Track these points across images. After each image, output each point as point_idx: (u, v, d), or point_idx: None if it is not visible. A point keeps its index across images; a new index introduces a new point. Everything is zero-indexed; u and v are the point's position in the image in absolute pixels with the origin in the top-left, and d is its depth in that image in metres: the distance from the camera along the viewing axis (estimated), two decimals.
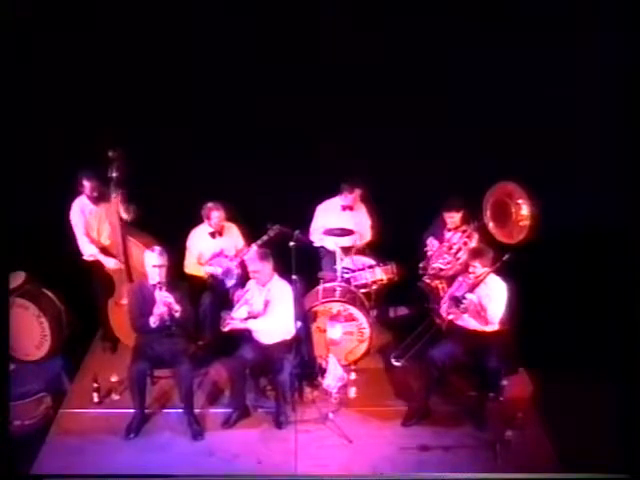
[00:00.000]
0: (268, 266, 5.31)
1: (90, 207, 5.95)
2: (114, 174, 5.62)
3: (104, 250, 5.98)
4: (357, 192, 6.28)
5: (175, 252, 5.65)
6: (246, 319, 5.32)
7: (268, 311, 5.35)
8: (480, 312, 5.14)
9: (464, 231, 5.93)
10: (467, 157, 6.26)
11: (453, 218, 5.93)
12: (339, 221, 6.24)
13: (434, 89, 6.18)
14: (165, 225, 6.07)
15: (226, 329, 5.28)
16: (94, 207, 5.95)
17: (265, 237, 5.87)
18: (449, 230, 5.99)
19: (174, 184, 6.35)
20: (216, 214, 5.92)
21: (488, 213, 5.58)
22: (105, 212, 5.91)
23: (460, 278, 5.34)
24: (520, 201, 5.36)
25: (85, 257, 5.99)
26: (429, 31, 5.96)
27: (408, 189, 6.32)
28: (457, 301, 5.15)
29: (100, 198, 5.90)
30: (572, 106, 6.03)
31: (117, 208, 5.76)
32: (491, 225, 5.58)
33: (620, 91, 5.66)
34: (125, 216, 5.83)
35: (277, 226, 5.81)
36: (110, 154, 5.58)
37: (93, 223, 5.98)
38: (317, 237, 6.34)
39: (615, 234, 5.66)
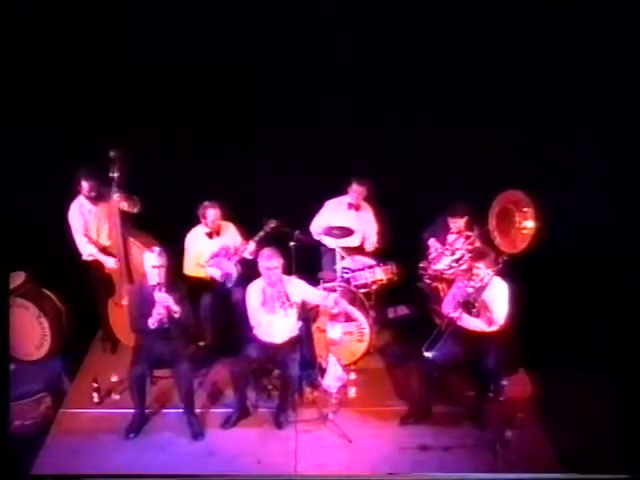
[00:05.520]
0: (281, 262, 5.26)
1: (89, 207, 5.93)
2: (115, 174, 5.62)
3: (104, 250, 5.97)
4: (364, 191, 6.25)
5: (174, 253, 5.65)
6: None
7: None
8: (486, 313, 5.14)
9: (467, 237, 5.93)
10: (470, 159, 6.25)
11: (457, 223, 5.94)
12: (343, 219, 6.24)
13: (438, 90, 6.18)
14: (164, 225, 6.07)
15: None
16: (93, 207, 5.93)
17: (262, 232, 5.87)
18: (452, 234, 5.99)
19: (173, 184, 6.34)
20: (212, 212, 5.91)
21: (493, 221, 5.54)
22: (105, 212, 5.90)
23: (460, 282, 5.32)
24: (525, 209, 5.33)
25: (84, 257, 5.97)
26: (430, 30, 5.97)
27: (409, 189, 6.31)
28: (468, 304, 5.12)
29: (99, 198, 5.89)
30: (577, 111, 6.04)
31: (118, 208, 5.74)
32: (495, 233, 5.53)
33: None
34: (133, 210, 5.79)
35: (273, 220, 5.82)
36: (111, 154, 5.57)
37: (92, 223, 5.96)
38: (318, 230, 6.32)
39: (615, 234, 5.65)
